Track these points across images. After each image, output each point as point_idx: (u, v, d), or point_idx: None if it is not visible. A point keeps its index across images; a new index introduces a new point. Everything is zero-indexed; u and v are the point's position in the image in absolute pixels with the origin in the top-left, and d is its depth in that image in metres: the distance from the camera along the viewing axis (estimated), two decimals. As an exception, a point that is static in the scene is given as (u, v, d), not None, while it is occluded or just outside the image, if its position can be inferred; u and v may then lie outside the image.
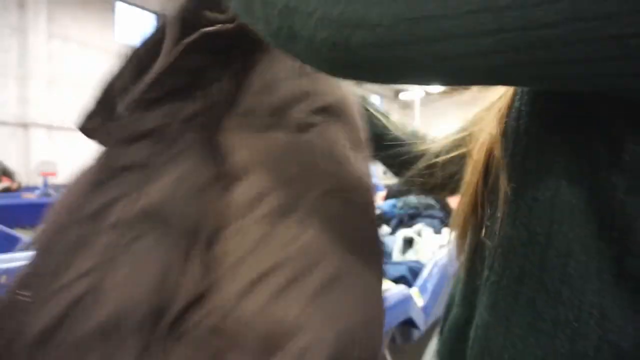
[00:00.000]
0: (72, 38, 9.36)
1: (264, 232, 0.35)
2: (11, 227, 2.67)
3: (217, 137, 0.42)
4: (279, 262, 0.33)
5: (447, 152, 0.51)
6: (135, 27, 10.79)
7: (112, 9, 10.16)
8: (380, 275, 0.40)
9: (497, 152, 0.36)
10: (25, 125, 8.63)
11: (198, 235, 0.36)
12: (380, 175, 1.60)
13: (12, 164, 7.93)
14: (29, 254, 0.37)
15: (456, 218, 0.42)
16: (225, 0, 0.37)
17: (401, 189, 2.80)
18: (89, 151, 0.50)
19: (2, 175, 5.87)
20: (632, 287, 0.28)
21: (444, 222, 2.75)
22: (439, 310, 1.84)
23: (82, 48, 9.55)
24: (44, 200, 4.39)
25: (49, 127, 8.92)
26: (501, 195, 0.34)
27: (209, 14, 0.41)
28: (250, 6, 0.31)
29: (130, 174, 0.39)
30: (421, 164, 0.53)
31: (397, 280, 1.88)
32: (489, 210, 0.37)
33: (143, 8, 10.72)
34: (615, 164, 0.28)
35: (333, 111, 0.43)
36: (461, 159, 0.47)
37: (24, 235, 2.43)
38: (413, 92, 13.72)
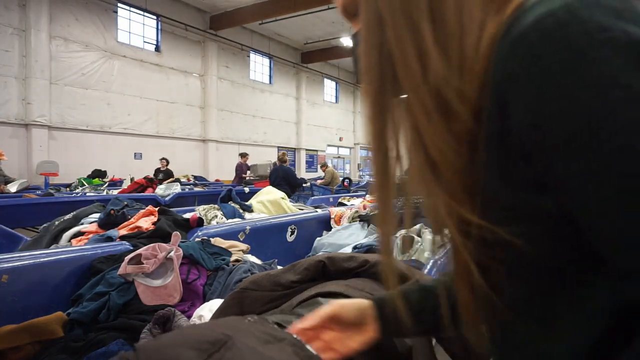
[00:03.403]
0: (73, 39, 9.37)
1: None
2: (12, 227, 2.68)
3: None
4: None
5: None
6: (137, 28, 10.81)
7: (114, 10, 10.17)
8: None
9: None
10: (26, 126, 8.64)
11: None
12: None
13: (13, 164, 7.95)
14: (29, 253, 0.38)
15: None
16: None
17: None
18: (89, 151, 0.51)
19: (3, 183, 5.89)
20: None
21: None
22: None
23: (84, 49, 9.56)
24: (45, 200, 4.40)
25: (50, 128, 8.94)
26: None
27: None
28: None
29: None
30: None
31: (397, 280, 1.88)
32: None
33: (144, 10, 10.74)
34: None
35: None
36: None
37: (25, 235, 2.44)
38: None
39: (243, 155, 9.16)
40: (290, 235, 2.58)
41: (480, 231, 0.39)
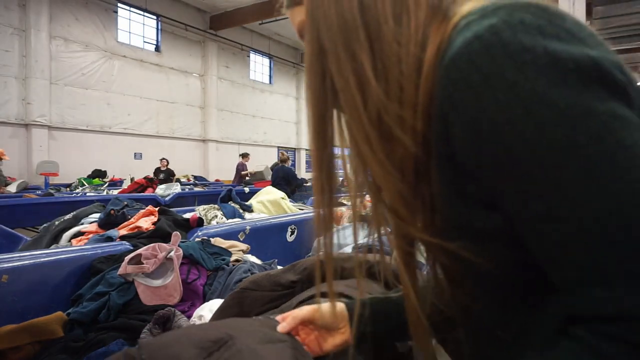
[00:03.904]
0: (73, 39, 9.36)
1: None
2: (12, 227, 2.68)
3: None
4: None
5: None
6: (136, 28, 10.80)
7: (114, 10, 10.17)
8: None
9: None
10: (26, 126, 8.64)
11: None
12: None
13: (13, 164, 7.95)
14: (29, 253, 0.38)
15: None
16: None
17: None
18: (89, 152, 0.51)
19: (3, 185, 5.89)
20: None
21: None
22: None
23: (84, 49, 9.55)
24: (45, 200, 4.40)
25: (50, 128, 8.94)
26: None
27: None
28: None
29: None
30: None
31: (397, 280, 1.88)
32: None
33: (144, 10, 10.73)
34: None
35: None
36: None
37: (25, 235, 2.44)
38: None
39: (244, 156, 9.22)
40: (290, 235, 2.58)
41: (438, 251, 0.40)
